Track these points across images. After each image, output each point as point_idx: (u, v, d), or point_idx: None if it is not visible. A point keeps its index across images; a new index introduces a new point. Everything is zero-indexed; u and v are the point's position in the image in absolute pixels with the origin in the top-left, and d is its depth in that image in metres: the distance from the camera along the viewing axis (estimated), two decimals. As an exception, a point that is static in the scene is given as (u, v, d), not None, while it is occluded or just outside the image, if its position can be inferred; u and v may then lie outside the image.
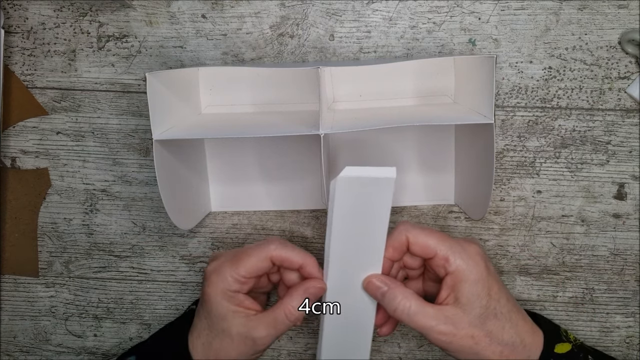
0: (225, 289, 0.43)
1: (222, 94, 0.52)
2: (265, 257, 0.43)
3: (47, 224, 0.55)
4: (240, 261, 0.43)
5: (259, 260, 0.43)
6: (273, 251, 0.43)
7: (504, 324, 0.42)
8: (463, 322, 0.41)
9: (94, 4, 0.52)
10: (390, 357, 0.55)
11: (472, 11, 0.50)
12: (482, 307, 0.41)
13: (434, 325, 0.41)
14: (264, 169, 0.54)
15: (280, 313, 0.43)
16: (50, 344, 0.57)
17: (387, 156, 0.53)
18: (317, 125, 0.42)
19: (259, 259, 0.43)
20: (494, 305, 0.42)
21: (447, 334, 0.41)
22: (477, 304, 0.41)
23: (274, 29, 0.51)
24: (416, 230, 0.43)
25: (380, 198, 0.40)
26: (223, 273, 0.43)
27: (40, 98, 0.53)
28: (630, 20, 0.49)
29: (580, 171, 0.52)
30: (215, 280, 0.44)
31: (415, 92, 0.52)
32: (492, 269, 0.43)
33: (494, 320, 0.42)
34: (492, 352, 0.41)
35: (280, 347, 0.56)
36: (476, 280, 0.41)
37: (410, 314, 0.41)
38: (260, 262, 0.43)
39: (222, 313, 0.44)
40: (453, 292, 0.42)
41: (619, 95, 0.51)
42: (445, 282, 0.42)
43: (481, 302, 0.41)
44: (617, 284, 0.53)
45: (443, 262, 0.42)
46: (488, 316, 0.41)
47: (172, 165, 0.47)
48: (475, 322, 0.41)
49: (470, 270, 0.41)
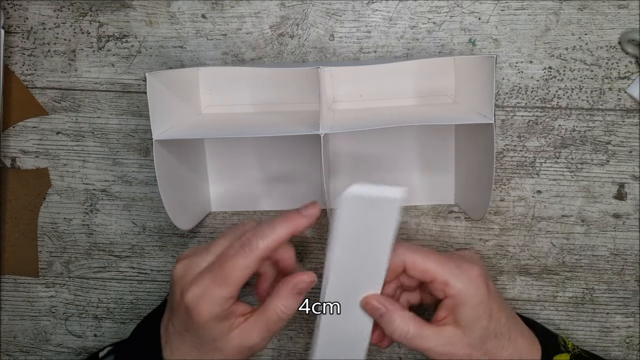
0: (219, 313, 0.39)
1: (222, 94, 0.52)
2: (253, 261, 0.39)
3: (47, 224, 0.55)
4: (227, 278, 0.39)
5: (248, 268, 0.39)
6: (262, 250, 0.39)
7: (503, 343, 0.42)
8: (462, 343, 0.41)
9: (94, 4, 0.52)
10: (390, 357, 0.55)
11: (472, 11, 0.50)
12: (483, 328, 0.41)
13: (432, 347, 0.40)
14: (264, 169, 0.54)
15: (273, 314, 0.41)
16: (50, 344, 0.57)
17: (387, 156, 0.53)
18: (317, 125, 0.42)
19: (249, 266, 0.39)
20: (494, 326, 0.41)
21: (446, 354, 0.40)
22: (478, 325, 0.41)
23: (274, 29, 0.51)
24: (414, 255, 0.41)
25: (385, 219, 0.39)
26: (212, 297, 0.39)
27: (40, 98, 0.53)
28: (630, 20, 0.49)
29: (580, 171, 0.52)
30: (205, 308, 0.39)
31: (415, 92, 0.52)
32: (492, 288, 0.42)
33: (494, 340, 0.41)
34: None
35: (280, 347, 0.56)
36: (477, 304, 0.41)
37: (409, 338, 0.41)
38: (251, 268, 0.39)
39: (216, 335, 0.40)
40: (452, 314, 0.41)
41: (619, 95, 0.51)
42: (444, 303, 0.41)
43: (482, 324, 0.41)
44: (617, 284, 0.53)
45: (442, 286, 0.41)
46: (488, 337, 0.41)
47: (172, 165, 0.47)
48: (474, 343, 0.41)
49: (472, 294, 0.40)
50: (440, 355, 0.41)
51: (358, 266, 0.41)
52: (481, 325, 0.41)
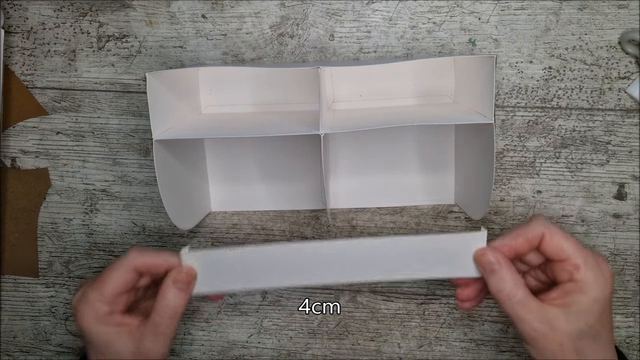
0: (97, 314, 0.41)
1: (222, 93, 0.52)
2: (127, 269, 0.41)
3: (47, 224, 0.55)
4: (103, 282, 0.41)
5: (121, 273, 0.41)
6: (133, 260, 0.41)
7: (596, 348, 0.41)
8: (560, 328, 0.40)
9: (94, 4, 0.52)
10: (390, 357, 0.55)
11: (472, 11, 0.50)
12: (588, 324, 0.40)
13: (530, 319, 0.40)
14: (264, 169, 0.54)
15: (157, 315, 0.41)
16: (50, 344, 0.57)
17: (387, 156, 0.53)
18: (317, 125, 0.42)
19: (121, 272, 0.41)
20: (598, 328, 0.40)
21: (539, 332, 0.40)
22: (585, 320, 0.40)
23: (274, 29, 0.51)
24: (554, 229, 0.41)
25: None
26: (89, 300, 0.41)
27: (40, 98, 0.53)
28: (630, 20, 0.49)
29: (580, 171, 0.52)
30: (84, 309, 0.41)
31: (416, 92, 0.52)
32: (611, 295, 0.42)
33: (591, 341, 0.40)
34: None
35: (280, 347, 0.56)
36: (596, 299, 0.40)
37: (513, 302, 0.40)
38: (124, 275, 0.41)
39: (104, 340, 0.41)
40: (566, 298, 0.40)
41: (619, 95, 0.51)
42: (564, 286, 0.40)
43: (589, 320, 0.40)
44: (617, 284, 0.53)
45: (572, 268, 0.40)
46: (588, 335, 0.40)
47: (172, 165, 0.47)
48: (572, 334, 0.40)
49: (596, 287, 0.40)
50: (533, 331, 0.40)
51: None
52: (588, 320, 0.40)
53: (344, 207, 0.54)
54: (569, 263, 0.40)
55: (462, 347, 0.55)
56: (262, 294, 0.55)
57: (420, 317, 0.54)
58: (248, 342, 0.56)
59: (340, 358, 0.55)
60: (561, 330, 0.40)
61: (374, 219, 0.54)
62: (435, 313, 0.54)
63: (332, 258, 0.42)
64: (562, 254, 0.40)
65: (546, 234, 0.41)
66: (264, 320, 0.55)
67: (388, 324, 0.55)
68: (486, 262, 0.41)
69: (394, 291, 0.54)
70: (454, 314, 0.54)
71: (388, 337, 0.55)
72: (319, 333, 0.55)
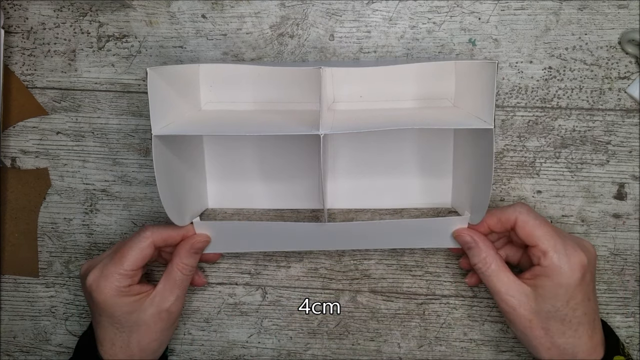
0: (118, 288, 0.45)
1: (222, 90, 0.52)
2: (146, 245, 0.46)
3: (47, 224, 0.55)
4: (123, 257, 0.45)
5: (141, 249, 0.45)
6: (151, 236, 0.46)
7: (565, 330, 0.43)
8: (529, 305, 0.43)
9: (94, 4, 0.52)
10: (390, 357, 0.55)
11: (472, 11, 0.50)
12: (554, 307, 0.43)
13: (502, 291, 0.44)
14: (263, 167, 0.54)
15: (176, 272, 0.46)
16: (50, 344, 0.57)
17: (386, 158, 0.53)
18: (317, 125, 0.42)
19: (141, 248, 0.45)
20: (565, 312, 0.43)
21: (510, 305, 0.44)
22: (550, 303, 0.43)
23: (274, 29, 0.51)
24: (529, 216, 0.44)
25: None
26: (110, 275, 0.45)
27: (40, 98, 0.53)
28: (630, 20, 0.49)
29: (580, 171, 0.52)
30: (104, 284, 0.45)
31: (416, 95, 0.52)
32: (587, 281, 0.44)
33: (559, 323, 0.43)
34: (542, 344, 0.43)
35: (280, 347, 0.56)
36: (561, 284, 0.42)
37: (487, 275, 0.45)
38: (144, 250, 0.46)
39: (126, 310, 0.45)
40: (535, 280, 0.43)
41: (619, 95, 0.51)
42: (534, 269, 0.44)
43: (555, 304, 0.43)
44: (617, 284, 0.53)
45: (540, 254, 0.43)
46: (555, 317, 0.43)
47: (171, 162, 0.47)
48: (539, 313, 0.43)
49: (562, 274, 0.42)
50: (505, 303, 0.44)
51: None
52: (554, 304, 0.43)
53: (343, 207, 0.54)
54: (538, 249, 0.44)
55: (462, 347, 0.55)
56: (262, 294, 0.55)
57: (420, 317, 0.54)
58: (248, 342, 0.56)
59: (340, 358, 0.55)
60: (529, 307, 0.44)
61: (373, 219, 0.53)
62: (435, 313, 0.54)
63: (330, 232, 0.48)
64: (532, 239, 0.44)
65: (519, 220, 0.44)
66: (264, 320, 0.55)
67: (388, 324, 0.55)
68: (462, 241, 0.47)
69: (394, 291, 0.54)
70: (454, 314, 0.54)
71: (388, 337, 0.55)
72: (319, 333, 0.55)
